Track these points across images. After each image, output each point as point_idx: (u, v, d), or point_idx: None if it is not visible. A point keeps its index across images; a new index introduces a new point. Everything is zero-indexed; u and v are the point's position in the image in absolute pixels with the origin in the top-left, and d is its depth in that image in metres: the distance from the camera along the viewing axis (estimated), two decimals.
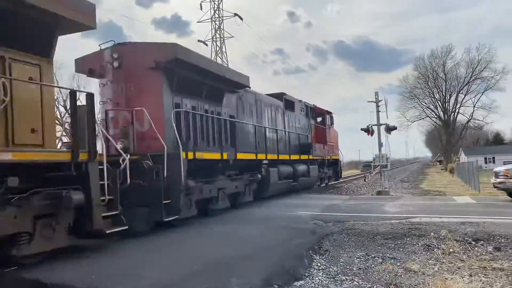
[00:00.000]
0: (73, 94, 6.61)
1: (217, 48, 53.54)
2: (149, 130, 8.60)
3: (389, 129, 22.89)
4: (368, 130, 23.07)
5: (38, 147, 6.21)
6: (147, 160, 8.12)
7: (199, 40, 56.09)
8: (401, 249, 7.15)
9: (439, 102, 71.89)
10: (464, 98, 69.74)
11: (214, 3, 54.53)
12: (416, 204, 13.20)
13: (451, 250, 6.75)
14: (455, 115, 71.47)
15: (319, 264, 6.37)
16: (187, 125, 10.00)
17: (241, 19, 54.15)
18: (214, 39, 53.98)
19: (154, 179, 8.05)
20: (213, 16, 54.45)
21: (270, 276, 5.43)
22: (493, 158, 65.22)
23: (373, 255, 6.77)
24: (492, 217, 9.80)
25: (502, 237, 7.49)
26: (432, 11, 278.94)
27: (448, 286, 5.01)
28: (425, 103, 72.87)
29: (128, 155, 7.40)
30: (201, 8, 55.77)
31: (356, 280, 5.60)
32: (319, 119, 21.46)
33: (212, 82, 11.10)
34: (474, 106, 69.05)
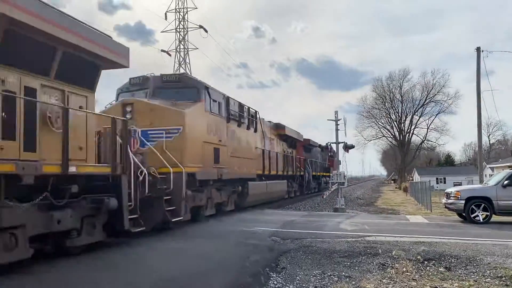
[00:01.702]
0: None
1: (181, 59, 53.24)
2: None
3: (347, 147, 23.43)
4: (327, 148, 23.54)
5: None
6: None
7: (162, 50, 55.63)
8: (357, 268, 7.22)
9: (395, 123, 74.45)
10: (418, 119, 72.60)
11: (180, 14, 54.44)
12: (371, 223, 13.46)
13: (404, 269, 6.88)
14: (410, 135, 74.21)
15: (275, 282, 6.31)
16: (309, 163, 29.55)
17: (206, 31, 54.27)
18: (178, 50, 53.70)
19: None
20: (178, 27, 54.23)
21: None
22: (444, 178, 67.72)
23: (329, 273, 6.80)
24: (443, 237, 10.13)
25: (452, 257, 7.73)
26: (390, 35, 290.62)
27: None
28: (382, 123, 75.27)
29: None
30: (166, 18, 55.46)
31: None
32: (330, 154, 39.21)
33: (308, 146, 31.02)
34: (427, 128, 71.98)
